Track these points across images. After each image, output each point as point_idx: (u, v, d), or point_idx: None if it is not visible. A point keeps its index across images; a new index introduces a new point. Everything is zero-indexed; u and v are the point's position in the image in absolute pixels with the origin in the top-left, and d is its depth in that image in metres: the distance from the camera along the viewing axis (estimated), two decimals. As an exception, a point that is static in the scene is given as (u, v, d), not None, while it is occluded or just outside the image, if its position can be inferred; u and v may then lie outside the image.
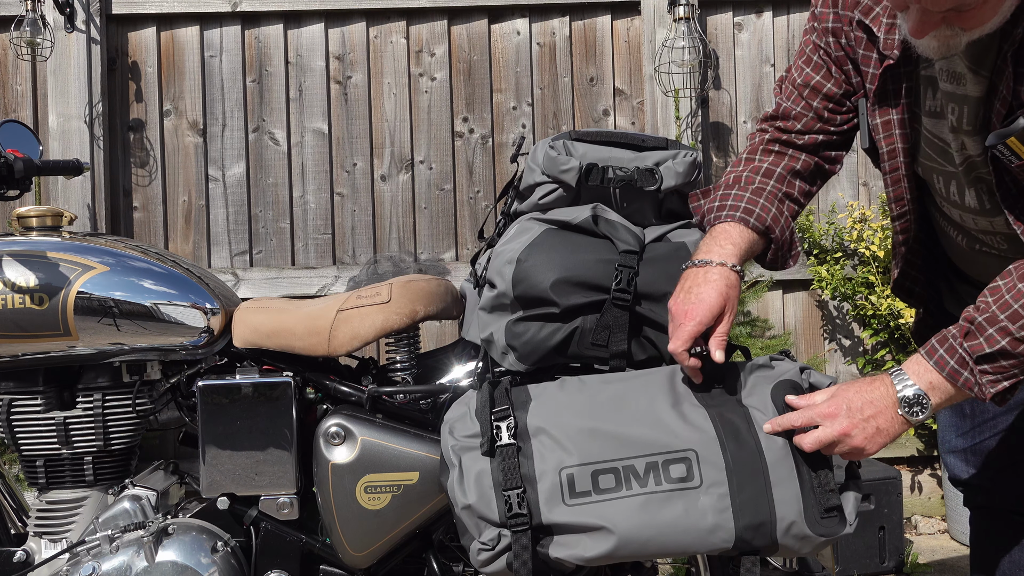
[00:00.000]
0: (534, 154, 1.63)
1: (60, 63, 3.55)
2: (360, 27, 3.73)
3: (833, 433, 1.37)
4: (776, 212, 1.58)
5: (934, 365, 1.36)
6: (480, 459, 1.44)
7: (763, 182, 1.61)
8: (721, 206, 1.57)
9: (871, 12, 1.49)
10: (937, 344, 1.37)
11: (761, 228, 1.55)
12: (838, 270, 3.57)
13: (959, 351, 1.34)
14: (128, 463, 1.92)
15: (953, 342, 1.35)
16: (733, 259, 1.50)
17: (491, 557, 1.43)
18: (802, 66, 1.63)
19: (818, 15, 1.58)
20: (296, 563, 1.82)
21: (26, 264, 1.77)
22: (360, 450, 1.73)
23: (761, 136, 1.67)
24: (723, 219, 1.55)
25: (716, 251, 1.50)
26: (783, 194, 1.62)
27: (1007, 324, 1.31)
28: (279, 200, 3.70)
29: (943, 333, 1.38)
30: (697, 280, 1.47)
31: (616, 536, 1.39)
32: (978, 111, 1.40)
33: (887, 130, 1.54)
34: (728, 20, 3.80)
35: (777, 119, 1.65)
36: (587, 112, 3.78)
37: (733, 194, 1.58)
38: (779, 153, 1.65)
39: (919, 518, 3.65)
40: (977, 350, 1.33)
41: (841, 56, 1.57)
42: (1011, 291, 1.33)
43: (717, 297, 1.45)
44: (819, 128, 1.62)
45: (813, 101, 1.61)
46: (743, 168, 1.64)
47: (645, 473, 1.41)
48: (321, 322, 1.77)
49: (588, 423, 1.43)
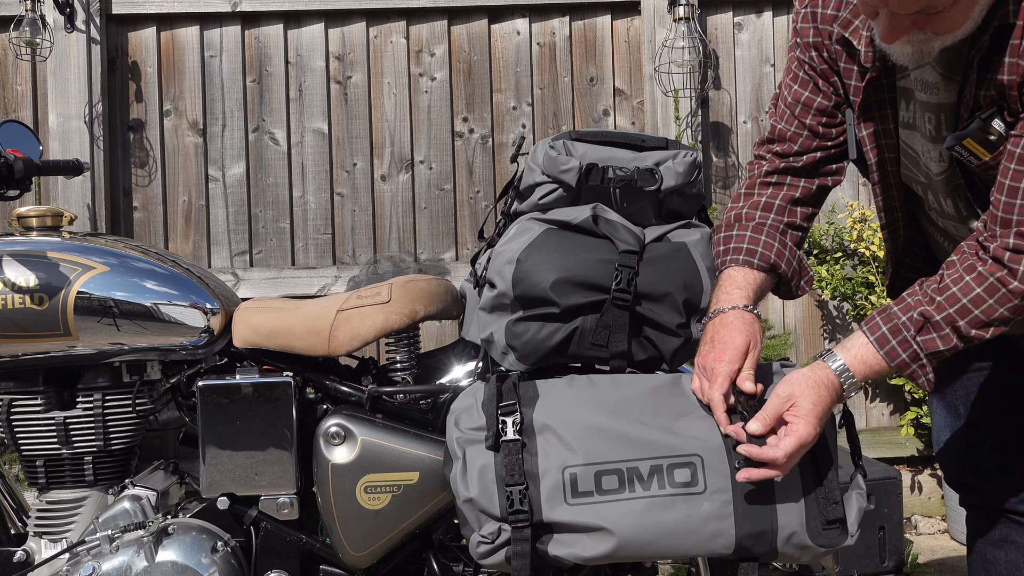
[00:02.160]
0: (534, 154, 1.63)
1: (60, 63, 3.55)
2: (360, 27, 3.73)
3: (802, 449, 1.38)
4: (779, 246, 1.59)
5: (884, 355, 1.39)
6: (484, 453, 1.44)
7: (763, 217, 1.62)
8: (725, 250, 1.58)
9: (850, 25, 1.50)
10: (889, 333, 1.40)
11: (766, 266, 1.56)
12: (838, 270, 3.57)
13: (913, 345, 1.39)
14: (128, 463, 1.92)
15: (906, 334, 1.39)
16: (743, 301, 1.51)
17: (490, 550, 1.44)
18: (790, 83, 1.64)
19: (799, 30, 1.59)
20: (296, 563, 1.82)
21: (26, 264, 1.77)
22: (360, 450, 1.73)
23: (759, 168, 1.68)
24: (727, 264, 1.56)
25: (724, 299, 1.52)
26: (784, 225, 1.63)
27: (959, 322, 1.37)
28: (279, 200, 3.71)
29: (893, 321, 1.40)
30: (716, 329, 1.48)
31: (616, 538, 1.39)
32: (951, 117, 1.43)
33: (873, 141, 1.56)
34: (728, 20, 3.80)
35: (773, 142, 1.66)
36: (587, 112, 3.78)
37: (735, 235, 1.59)
38: (777, 184, 1.65)
39: (919, 518, 3.65)
40: (931, 346, 1.39)
41: (826, 69, 1.58)
42: (958, 284, 1.38)
43: (740, 336, 1.45)
44: (816, 146, 1.62)
45: (806, 118, 1.61)
46: (743, 204, 1.65)
47: (649, 476, 1.41)
48: (321, 322, 1.77)
49: (594, 423, 1.43)
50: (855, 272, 3.60)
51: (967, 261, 1.39)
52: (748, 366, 1.45)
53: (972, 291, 1.37)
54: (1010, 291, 1.36)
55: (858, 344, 1.42)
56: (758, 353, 1.47)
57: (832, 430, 1.50)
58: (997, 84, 1.34)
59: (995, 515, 1.72)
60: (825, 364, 1.42)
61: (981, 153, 1.39)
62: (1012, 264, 1.35)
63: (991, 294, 1.37)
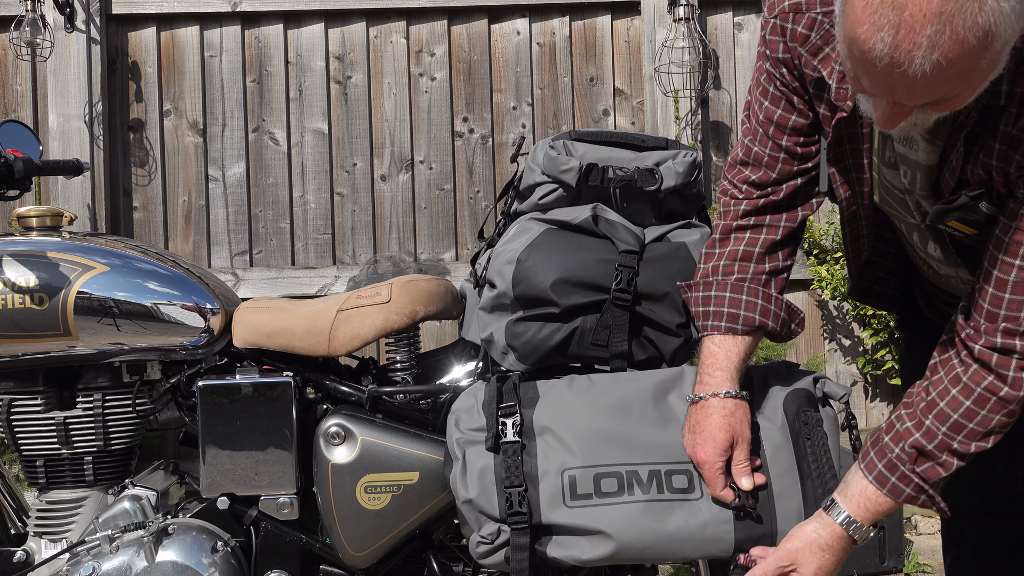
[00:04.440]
0: (534, 154, 1.63)
1: (60, 63, 3.55)
2: (360, 27, 3.73)
3: None
4: (763, 302, 1.48)
5: (888, 494, 1.32)
6: (484, 454, 1.45)
7: (742, 269, 1.50)
8: (705, 312, 1.48)
9: (820, 52, 1.34)
10: (886, 471, 1.32)
11: (751, 329, 1.48)
12: (838, 270, 3.57)
13: (914, 479, 1.30)
14: (128, 463, 1.92)
15: (904, 469, 1.30)
16: (726, 385, 1.44)
17: (490, 551, 1.44)
18: (760, 98, 1.47)
19: (768, 42, 1.42)
20: (296, 563, 1.82)
21: (26, 264, 1.77)
22: (360, 450, 1.73)
23: (734, 206, 1.53)
24: (709, 330, 1.47)
25: (707, 382, 1.45)
26: (766, 274, 1.51)
27: (955, 443, 1.27)
28: (279, 200, 3.71)
29: (887, 456, 1.32)
30: (697, 419, 1.43)
31: (615, 541, 1.39)
32: (931, 177, 1.33)
33: (844, 176, 1.45)
34: (728, 20, 3.80)
35: (748, 166, 1.51)
36: (587, 112, 3.78)
37: (714, 297, 1.48)
38: (755, 228, 1.51)
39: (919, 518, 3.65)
40: (933, 475, 1.30)
41: (798, 87, 1.43)
42: (944, 398, 1.28)
43: (720, 432, 1.40)
44: (796, 170, 1.48)
45: (781, 139, 1.47)
46: (717, 253, 1.52)
47: (648, 481, 1.42)
48: (321, 322, 1.77)
49: (594, 425, 1.44)
50: (855, 272, 3.60)
51: (952, 371, 1.28)
52: (740, 459, 1.42)
53: (961, 406, 1.26)
54: (1001, 399, 1.24)
55: (858, 488, 1.34)
56: (746, 443, 1.43)
57: (834, 430, 1.50)
58: (984, 164, 1.23)
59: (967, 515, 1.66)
60: (829, 519, 1.35)
61: (966, 231, 1.29)
62: (1000, 369, 1.24)
63: (982, 405, 1.25)
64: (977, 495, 1.63)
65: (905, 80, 1.05)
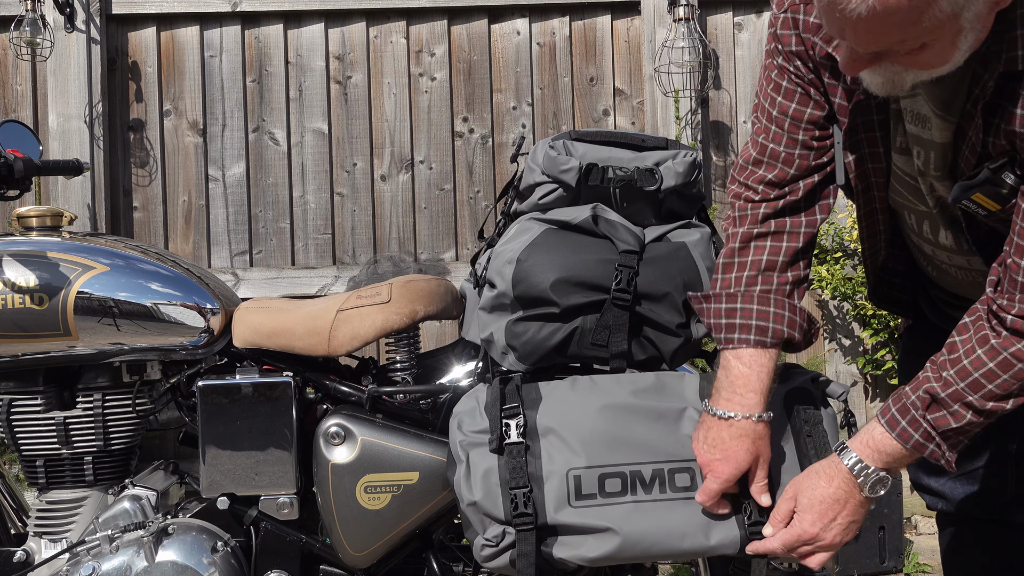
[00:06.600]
0: (534, 154, 1.63)
1: (60, 63, 3.55)
2: (360, 27, 3.73)
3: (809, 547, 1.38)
4: (790, 314, 1.46)
5: (897, 438, 1.32)
6: (488, 456, 1.44)
7: (766, 280, 1.48)
8: (730, 325, 1.45)
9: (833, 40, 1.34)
10: (898, 414, 1.33)
11: (779, 342, 1.46)
12: (838, 270, 3.57)
13: (923, 425, 1.31)
14: (128, 463, 1.92)
15: (915, 413, 1.31)
16: (759, 409, 1.42)
17: (494, 553, 1.44)
18: (772, 95, 1.47)
19: (780, 36, 1.43)
20: (296, 563, 1.82)
21: (26, 264, 1.77)
22: (360, 450, 1.73)
23: (752, 210, 1.50)
24: (736, 343, 1.44)
25: (738, 402, 1.42)
26: (790, 285, 1.49)
27: (971, 397, 1.27)
28: (279, 200, 3.70)
29: (902, 401, 1.33)
30: (723, 436, 1.41)
31: (620, 538, 1.40)
32: (945, 156, 1.33)
33: (860, 166, 1.45)
34: (728, 20, 3.80)
35: (762, 164, 1.48)
36: (587, 112, 3.78)
37: (739, 309, 1.45)
38: (776, 234, 1.49)
39: (919, 518, 3.65)
40: (943, 424, 1.30)
41: (813, 78, 1.43)
42: (969, 356, 1.28)
43: (747, 455, 1.40)
44: (814, 165, 1.47)
45: (797, 133, 1.45)
46: (738, 263, 1.50)
47: (651, 480, 1.42)
48: (321, 322, 1.77)
49: (597, 426, 1.44)
50: (855, 272, 3.60)
51: (981, 331, 1.28)
52: (760, 478, 1.43)
53: (984, 366, 1.27)
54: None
55: (869, 430, 1.35)
56: (767, 462, 1.44)
57: (833, 429, 1.51)
58: (1007, 133, 1.22)
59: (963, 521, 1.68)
60: (835, 457, 1.37)
61: (991, 206, 1.29)
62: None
63: (1005, 369, 1.26)
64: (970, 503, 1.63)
65: (849, 23, 1.12)
